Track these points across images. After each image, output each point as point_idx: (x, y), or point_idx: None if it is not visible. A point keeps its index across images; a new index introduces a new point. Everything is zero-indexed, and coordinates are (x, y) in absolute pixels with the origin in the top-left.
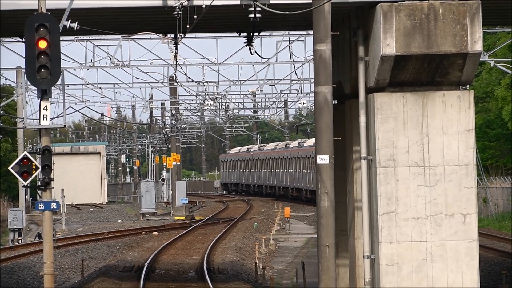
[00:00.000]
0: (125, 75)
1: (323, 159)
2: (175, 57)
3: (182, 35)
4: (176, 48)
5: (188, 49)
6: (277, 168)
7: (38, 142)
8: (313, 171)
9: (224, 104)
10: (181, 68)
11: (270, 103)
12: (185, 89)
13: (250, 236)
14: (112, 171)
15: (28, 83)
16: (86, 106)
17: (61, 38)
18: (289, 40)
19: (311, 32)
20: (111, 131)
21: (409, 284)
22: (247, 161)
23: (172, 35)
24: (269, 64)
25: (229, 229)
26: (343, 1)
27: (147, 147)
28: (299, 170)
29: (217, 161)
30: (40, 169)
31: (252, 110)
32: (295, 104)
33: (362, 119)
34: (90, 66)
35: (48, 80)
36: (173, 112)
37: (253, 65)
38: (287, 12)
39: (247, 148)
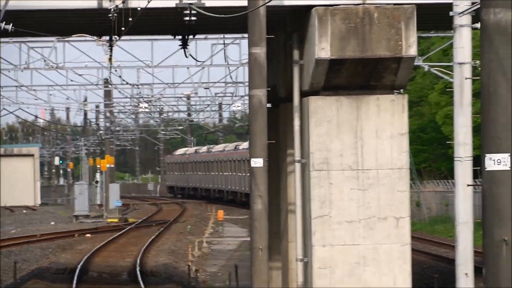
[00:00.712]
0: (60, 77)
1: (257, 162)
2: (110, 59)
3: (117, 38)
4: (111, 51)
5: (123, 51)
6: (225, 171)
7: None
8: None
9: (158, 106)
10: (116, 70)
11: (204, 106)
12: (119, 92)
13: (184, 239)
14: (46, 173)
15: None
16: (20, 108)
17: None
18: (224, 43)
19: (246, 35)
20: (45, 133)
21: (342, 287)
22: (194, 163)
23: (107, 38)
24: (204, 67)
25: (163, 232)
26: (278, 4)
27: (81, 149)
28: (248, 174)
29: (151, 163)
30: None
31: (186, 113)
32: (230, 107)
33: (296, 123)
34: (25, 68)
35: None
36: (107, 114)
37: (188, 68)
38: (223, 15)
39: (195, 150)
